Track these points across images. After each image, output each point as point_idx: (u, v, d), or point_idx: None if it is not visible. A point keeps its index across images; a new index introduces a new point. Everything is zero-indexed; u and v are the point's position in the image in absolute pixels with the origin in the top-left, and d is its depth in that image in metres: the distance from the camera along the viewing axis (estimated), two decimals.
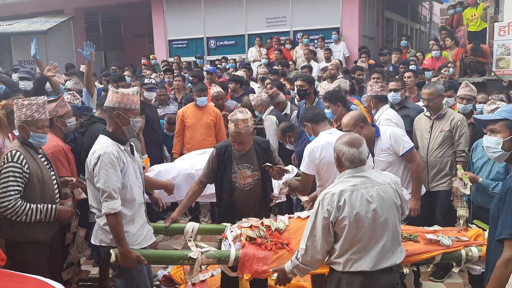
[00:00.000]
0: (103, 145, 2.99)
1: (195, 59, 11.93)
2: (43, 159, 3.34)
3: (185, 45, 13.31)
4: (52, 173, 3.41)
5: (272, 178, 3.80)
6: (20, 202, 3.09)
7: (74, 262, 3.64)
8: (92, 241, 3.17)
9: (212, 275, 4.14)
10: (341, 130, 4.45)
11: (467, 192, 3.68)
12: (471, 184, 3.70)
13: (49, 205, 3.22)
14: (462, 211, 3.74)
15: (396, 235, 2.64)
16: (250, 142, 3.65)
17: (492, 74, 9.08)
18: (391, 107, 5.14)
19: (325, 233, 2.54)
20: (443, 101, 4.77)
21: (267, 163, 3.66)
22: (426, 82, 7.24)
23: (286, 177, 3.96)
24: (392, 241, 2.59)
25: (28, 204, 3.12)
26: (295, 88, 6.18)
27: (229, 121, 3.56)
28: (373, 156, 3.93)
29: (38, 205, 3.17)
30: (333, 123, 4.76)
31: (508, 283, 1.83)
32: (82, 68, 9.38)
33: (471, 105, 4.87)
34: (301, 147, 4.48)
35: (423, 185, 4.10)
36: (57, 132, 3.80)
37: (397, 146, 3.79)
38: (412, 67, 8.22)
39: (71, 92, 4.96)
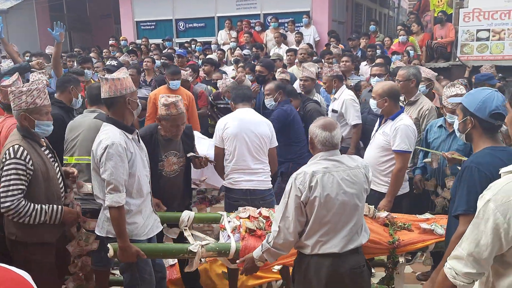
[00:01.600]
0: (110, 134, 2.85)
1: (162, 42, 11.71)
2: (46, 151, 3.06)
3: (153, 27, 13.03)
4: (56, 164, 3.15)
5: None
6: (23, 202, 2.82)
7: (81, 254, 3.39)
8: (97, 232, 3.05)
9: None
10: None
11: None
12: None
13: (55, 206, 2.97)
14: (447, 193, 3.74)
15: (361, 217, 2.69)
16: None
17: (457, 59, 9.32)
18: (370, 91, 5.29)
19: (297, 213, 2.55)
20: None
21: (193, 153, 3.66)
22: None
23: None
24: (358, 223, 2.65)
25: (32, 205, 2.86)
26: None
27: (166, 106, 3.42)
28: (376, 131, 3.98)
29: (43, 206, 2.91)
30: None
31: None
32: (48, 49, 9.05)
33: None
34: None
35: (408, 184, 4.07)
36: None
37: (393, 140, 3.74)
38: (378, 51, 8.37)
39: (41, 72, 4.78)
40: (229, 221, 3.31)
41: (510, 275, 1.73)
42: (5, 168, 2.82)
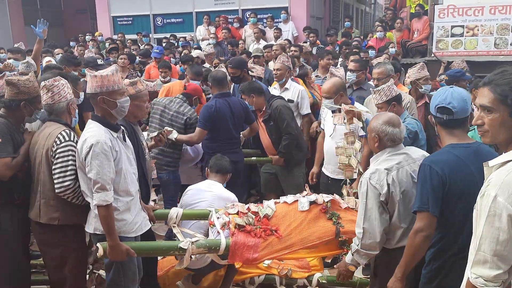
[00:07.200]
0: (94, 133, 2.84)
1: (137, 36, 11.52)
2: None
3: (130, 22, 12.84)
4: None
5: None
6: (78, 183, 2.98)
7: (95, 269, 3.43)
8: (86, 228, 3.04)
9: None
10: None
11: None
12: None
13: None
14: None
15: None
16: None
17: (432, 55, 9.50)
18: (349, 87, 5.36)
19: (380, 212, 2.64)
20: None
21: (155, 132, 3.92)
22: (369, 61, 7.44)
23: None
24: None
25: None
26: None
27: (133, 85, 3.37)
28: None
29: None
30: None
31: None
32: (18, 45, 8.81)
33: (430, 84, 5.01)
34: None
35: None
36: None
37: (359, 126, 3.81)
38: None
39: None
40: (218, 217, 3.31)
41: None
42: (60, 150, 2.98)
